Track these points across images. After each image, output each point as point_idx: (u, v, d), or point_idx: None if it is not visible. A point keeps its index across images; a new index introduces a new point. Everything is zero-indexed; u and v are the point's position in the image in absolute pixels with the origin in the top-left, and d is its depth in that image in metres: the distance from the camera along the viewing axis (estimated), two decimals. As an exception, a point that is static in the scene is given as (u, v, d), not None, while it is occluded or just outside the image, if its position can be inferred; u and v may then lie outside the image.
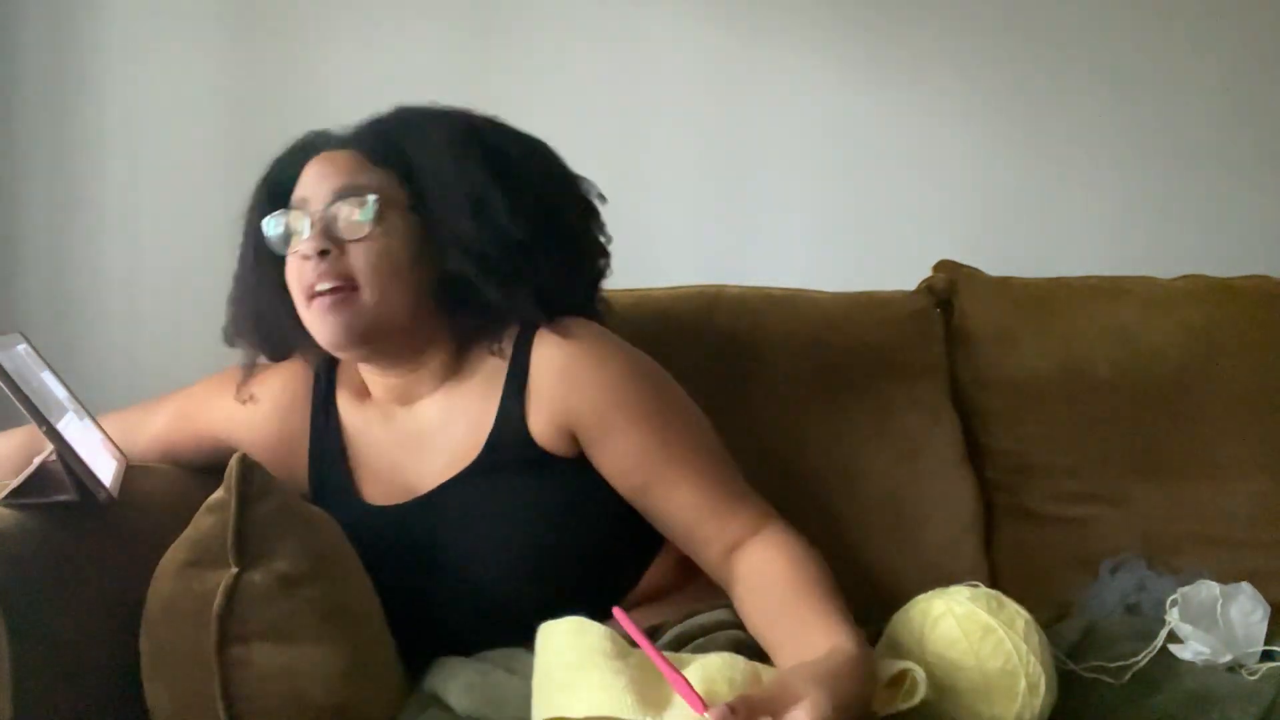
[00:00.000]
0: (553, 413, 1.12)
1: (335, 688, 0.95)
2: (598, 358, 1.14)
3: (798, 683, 0.84)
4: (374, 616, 1.06)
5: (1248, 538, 1.45)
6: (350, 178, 1.13)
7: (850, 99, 1.89)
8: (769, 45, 1.89)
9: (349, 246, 1.11)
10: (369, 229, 1.11)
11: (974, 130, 1.88)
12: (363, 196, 1.11)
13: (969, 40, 1.88)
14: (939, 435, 1.47)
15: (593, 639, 0.92)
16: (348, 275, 1.11)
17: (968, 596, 0.99)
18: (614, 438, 1.11)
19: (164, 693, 0.96)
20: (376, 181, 1.14)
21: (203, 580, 0.95)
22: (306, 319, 1.14)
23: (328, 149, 1.18)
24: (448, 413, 1.17)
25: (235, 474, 0.96)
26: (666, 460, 1.10)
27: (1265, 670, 1.10)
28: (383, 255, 1.11)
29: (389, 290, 1.11)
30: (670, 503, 1.10)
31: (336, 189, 1.13)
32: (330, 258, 1.10)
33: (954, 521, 1.44)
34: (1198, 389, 1.50)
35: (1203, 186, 1.85)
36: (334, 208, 1.12)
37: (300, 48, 1.92)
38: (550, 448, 1.13)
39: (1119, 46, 1.86)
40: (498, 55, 1.90)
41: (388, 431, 1.20)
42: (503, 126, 1.21)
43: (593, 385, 1.12)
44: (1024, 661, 0.95)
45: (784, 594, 1.01)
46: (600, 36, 1.88)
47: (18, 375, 0.97)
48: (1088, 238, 1.86)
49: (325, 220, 1.11)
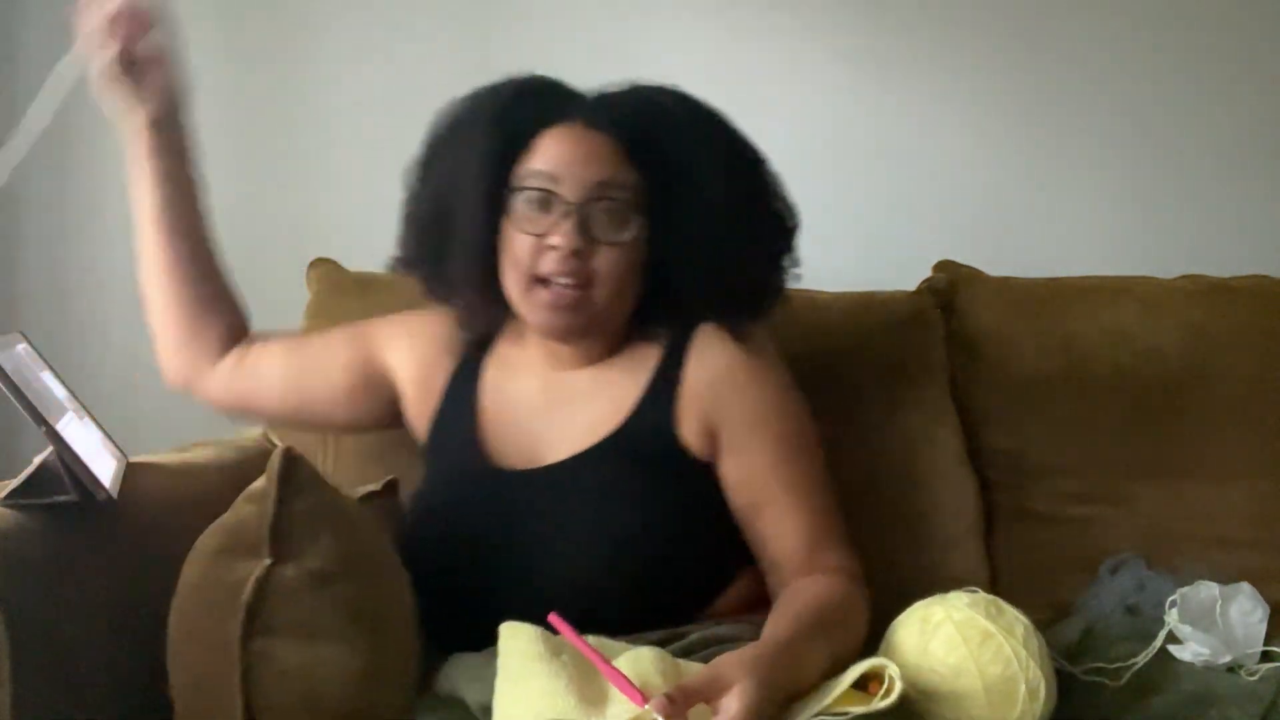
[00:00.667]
0: (703, 411, 1.13)
1: (350, 691, 0.95)
2: (760, 370, 1.15)
3: (729, 671, 0.86)
4: (400, 619, 1.04)
5: (1248, 538, 1.45)
6: (613, 174, 1.10)
7: (850, 99, 1.89)
8: (768, 45, 1.89)
9: (599, 246, 1.09)
10: (626, 237, 1.10)
11: (974, 130, 1.88)
12: (625, 204, 1.09)
13: (969, 41, 1.88)
14: (939, 435, 1.47)
15: (524, 643, 0.94)
16: (589, 274, 1.09)
17: (966, 603, 0.99)
18: (749, 453, 1.12)
19: (185, 675, 0.95)
20: (635, 180, 1.11)
21: (234, 569, 0.94)
22: (521, 298, 1.12)
23: (579, 120, 1.12)
24: (596, 385, 1.16)
25: (278, 466, 0.96)
26: (787, 488, 1.12)
27: (1265, 671, 1.10)
28: (628, 262, 1.11)
29: (621, 294, 1.12)
30: (776, 527, 1.12)
31: (599, 184, 1.09)
32: (580, 255, 1.08)
33: (954, 521, 1.44)
34: (1198, 389, 1.50)
35: (1203, 186, 1.85)
36: (594, 205, 1.09)
37: (300, 47, 1.92)
38: (687, 443, 1.13)
39: (1119, 46, 1.86)
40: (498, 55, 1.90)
41: (531, 393, 1.18)
42: (752, 145, 1.19)
43: (749, 397, 1.13)
44: (1024, 667, 0.95)
45: (791, 608, 1.03)
46: (600, 37, 1.88)
47: (18, 375, 0.97)
48: (1088, 238, 1.86)
49: (583, 216, 1.08)
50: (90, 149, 1.88)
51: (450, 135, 1.17)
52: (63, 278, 1.93)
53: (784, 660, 0.92)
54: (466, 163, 1.14)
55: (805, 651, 0.96)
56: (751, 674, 0.86)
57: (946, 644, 0.96)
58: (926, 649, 0.97)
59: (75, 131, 1.87)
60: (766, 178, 1.18)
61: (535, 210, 1.09)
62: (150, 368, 1.32)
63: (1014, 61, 1.87)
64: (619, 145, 1.11)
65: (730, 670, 0.87)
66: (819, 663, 0.96)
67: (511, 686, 0.93)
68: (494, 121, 1.14)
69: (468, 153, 1.14)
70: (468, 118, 1.16)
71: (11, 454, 1.75)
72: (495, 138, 1.13)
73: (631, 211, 1.10)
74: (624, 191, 1.10)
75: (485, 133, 1.13)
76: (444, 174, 1.17)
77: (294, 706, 0.93)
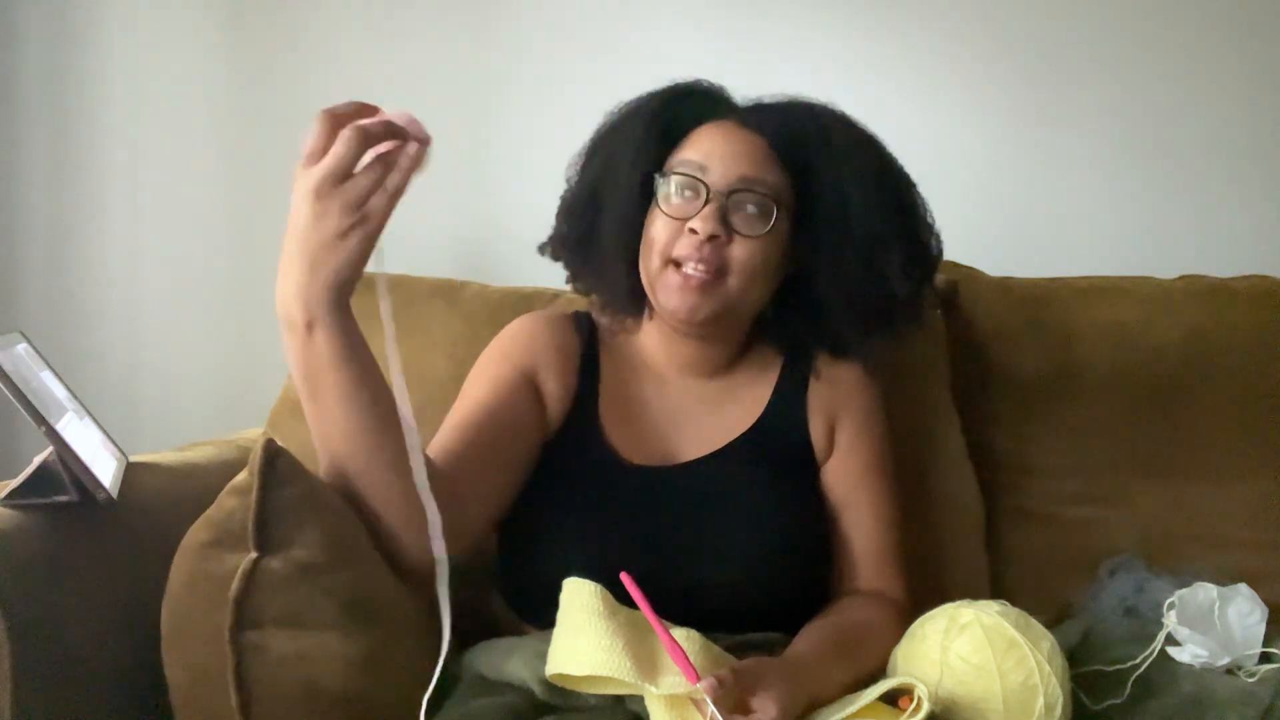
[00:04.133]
0: (829, 408, 1.22)
1: (349, 677, 0.95)
2: (873, 383, 1.26)
3: (768, 673, 0.92)
4: (396, 605, 1.04)
5: (1247, 538, 1.45)
6: (758, 170, 1.12)
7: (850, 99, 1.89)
8: (768, 45, 1.89)
9: (736, 237, 1.11)
10: (763, 232, 1.12)
11: (974, 130, 1.88)
12: (767, 200, 1.12)
13: (969, 40, 1.88)
14: (940, 435, 1.47)
15: (585, 597, 0.97)
16: (724, 263, 1.11)
17: (997, 610, 1.00)
18: (853, 454, 1.21)
19: (180, 668, 0.96)
20: (780, 182, 1.14)
21: (222, 562, 0.94)
22: (657, 279, 1.14)
23: (733, 119, 1.17)
24: (723, 390, 1.21)
25: (259, 458, 0.95)
26: (871, 498, 1.21)
27: (1263, 673, 1.10)
28: (764, 258, 1.13)
29: (752, 288, 1.14)
30: (855, 531, 1.20)
31: (744, 177, 1.11)
32: (717, 243, 1.10)
33: (954, 522, 1.44)
34: (1197, 389, 1.50)
35: (1202, 187, 1.85)
36: (737, 197, 1.11)
37: (300, 47, 1.92)
38: (815, 442, 1.21)
39: (1119, 47, 1.86)
40: (498, 54, 1.90)
41: (658, 397, 1.21)
42: (902, 170, 1.21)
43: (864, 402, 1.24)
44: (1044, 680, 0.96)
45: (825, 622, 1.09)
46: (601, 36, 1.88)
47: (18, 375, 0.97)
48: (1088, 238, 1.86)
49: (725, 206, 1.11)
50: (90, 149, 1.88)
51: (611, 130, 1.22)
52: (63, 278, 1.93)
53: (815, 674, 0.98)
54: (622, 152, 1.19)
55: (832, 668, 1.01)
56: (787, 680, 0.92)
57: (972, 644, 0.97)
58: (951, 646, 0.98)
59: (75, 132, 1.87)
60: (915, 203, 1.21)
61: (680, 196, 1.13)
62: (150, 367, 1.32)
63: (1014, 62, 1.87)
64: (768, 146, 1.14)
65: (769, 672, 0.92)
66: (842, 679, 1.01)
67: (571, 637, 0.95)
68: (652, 116, 1.19)
69: (624, 144, 1.19)
70: (629, 114, 1.21)
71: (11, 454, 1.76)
72: (653, 130, 1.17)
73: (773, 210, 1.12)
74: (767, 189, 1.12)
75: (644, 126, 1.18)
76: (601, 164, 1.21)
77: (292, 696, 0.93)
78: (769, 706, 0.87)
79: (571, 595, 0.99)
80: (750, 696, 0.88)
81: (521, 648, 1.04)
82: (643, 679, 0.89)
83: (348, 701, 0.95)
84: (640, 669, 0.90)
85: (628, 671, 0.90)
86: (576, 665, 0.93)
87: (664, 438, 1.18)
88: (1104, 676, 1.10)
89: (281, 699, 0.93)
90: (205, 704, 0.94)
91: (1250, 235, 1.83)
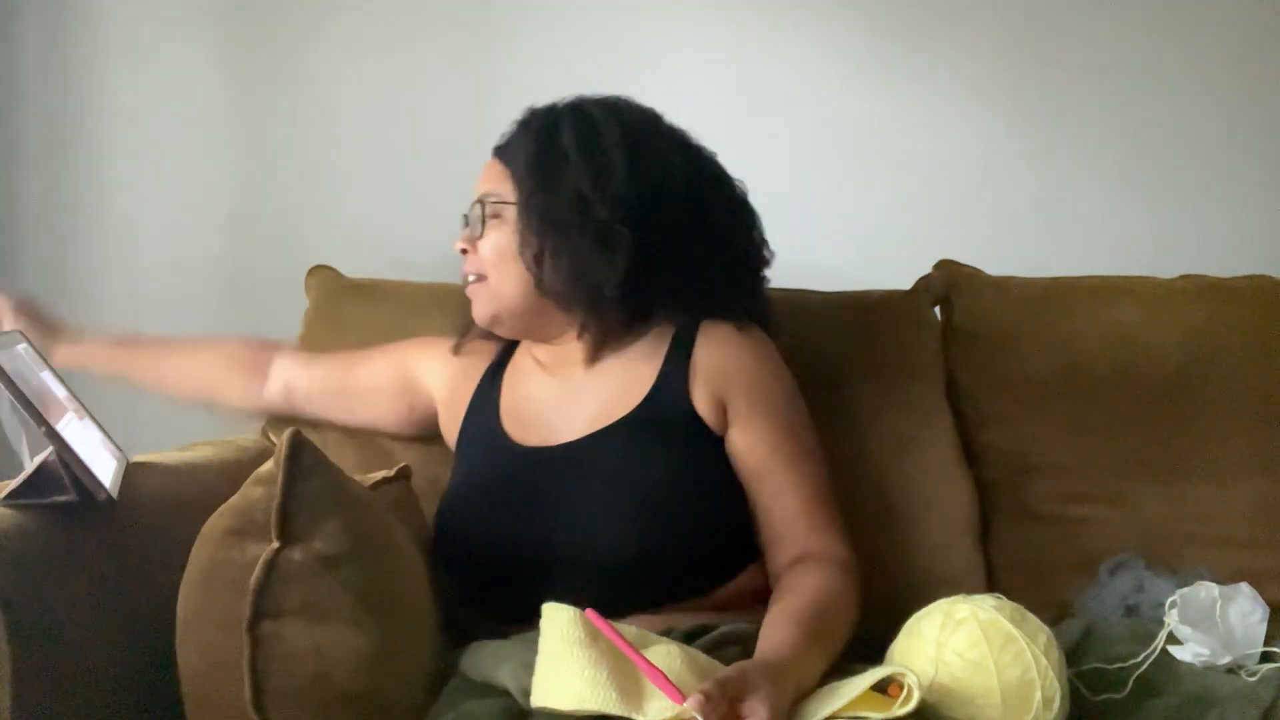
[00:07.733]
0: (713, 383, 1.23)
1: (362, 673, 0.95)
2: (761, 352, 1.27)
3: (752, 676, 0.91)
4: (413, 602, 1.06)
5: (1247, 538, 1.45)
6: (485, 186, 1.29)
7: (850, 99, 1.89)
8: (769, 45, 1.89)
9: (477, 243, 1.28)
10: (481, 231, 1.27)
11: (974, 130, 1.88)
12: (485, 205, 1.28)
13: (970, 40, 1.88)
14: (934, 435, 1.47)
15: (564, 625, 0.96)
16: (479, 266, 1.28)
17: (993, 605, 1.00)
18: (755, 422, 1.22)
19: (194, 656, 0.96)
20: (501, 188, 1.27)
21: (243, 550, 0.94)
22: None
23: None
24: (611, 374, 1.27)
25: (285, 449, 0.96)
26: (786, 462, 1.21)
27: (1264, 672, 1.10)
28: (498, 250, 1.26)
29: (507, 276, 1.26)
30: (776, 499, 1.20)
31: (477, 197, 1.29)
32: (469, 254, 1.29)
33: (950, 521, 1.44)
34: (1197, 389, 1.50)
35: (1202, 186, 1.85)
36: (472, 213, 1.29)
37: (300, 47, 1.92)
38: (702, 414, 1.22)
39: (1119, 47, 1.86)
40: (499, 55, 1.90)
41: (548, 389, 1.29)
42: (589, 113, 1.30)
43: (752, 370, 1.25)
44: (1042, 674, 0.95)
45: (793, 610, 1.08)
46: (601, 37, 1.88)
47: (18, 375, 0.97)
48: (1088, 238, 1.86)
49: (469, 222, 1.30)
50: (90, 149, 1.88)
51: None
52: (63, 278, 1.93)
53: (796, 668, 0.98)
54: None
55: (809, 658, 1.01)
56: (772, 680, 0.92)
57: (968, 640, 0.97)
58: (947, 642, 0.98)
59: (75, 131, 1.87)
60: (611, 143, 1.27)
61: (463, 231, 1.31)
62: (150, 368, 1.32)
63: (1015, 62, 1.87)
64: (496, 160, 1.30)
65: (752, 675, 0.92)
66: (820, 666, 1.02)
67: (554, 666, 0.94)
68: None
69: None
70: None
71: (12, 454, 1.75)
72: None
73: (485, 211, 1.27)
74: (486, 196, 1.28)
75: None
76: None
77: (304, 688, 0.94)
78: (759, 709, 0.87)
79: (550, 623, 0.97)
80: (739, 703, 0.88)
81: (509, 657, 1.03)
82: (630, 709, 0.88)
83: (356, 697, 0.95)
84: (626, 699, 0.89)
85: (614, 704, 0.88)
86: (562, 699, 0.91)
87: (548, 422, 1.26)
88: (1105, 674, 1.10)
89: (293, 691, 0.94)
90: (216, 693, 0.94)
91: (1250, 235, 1.83)
